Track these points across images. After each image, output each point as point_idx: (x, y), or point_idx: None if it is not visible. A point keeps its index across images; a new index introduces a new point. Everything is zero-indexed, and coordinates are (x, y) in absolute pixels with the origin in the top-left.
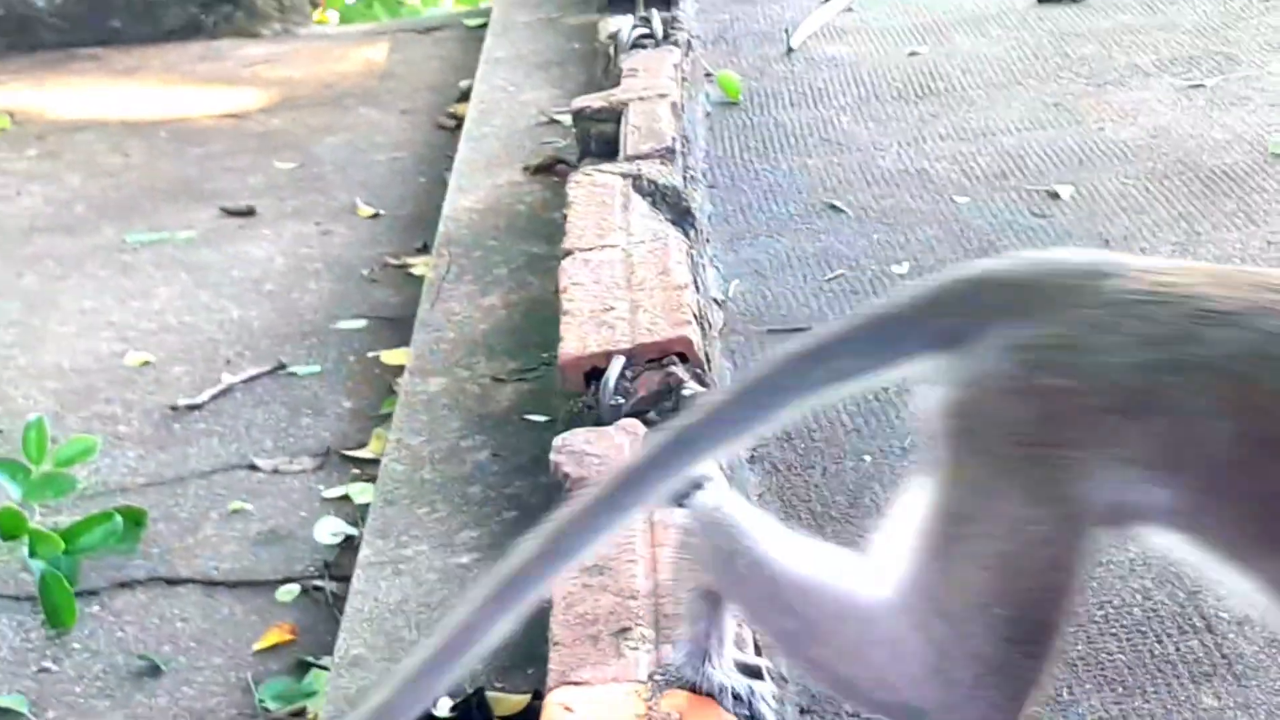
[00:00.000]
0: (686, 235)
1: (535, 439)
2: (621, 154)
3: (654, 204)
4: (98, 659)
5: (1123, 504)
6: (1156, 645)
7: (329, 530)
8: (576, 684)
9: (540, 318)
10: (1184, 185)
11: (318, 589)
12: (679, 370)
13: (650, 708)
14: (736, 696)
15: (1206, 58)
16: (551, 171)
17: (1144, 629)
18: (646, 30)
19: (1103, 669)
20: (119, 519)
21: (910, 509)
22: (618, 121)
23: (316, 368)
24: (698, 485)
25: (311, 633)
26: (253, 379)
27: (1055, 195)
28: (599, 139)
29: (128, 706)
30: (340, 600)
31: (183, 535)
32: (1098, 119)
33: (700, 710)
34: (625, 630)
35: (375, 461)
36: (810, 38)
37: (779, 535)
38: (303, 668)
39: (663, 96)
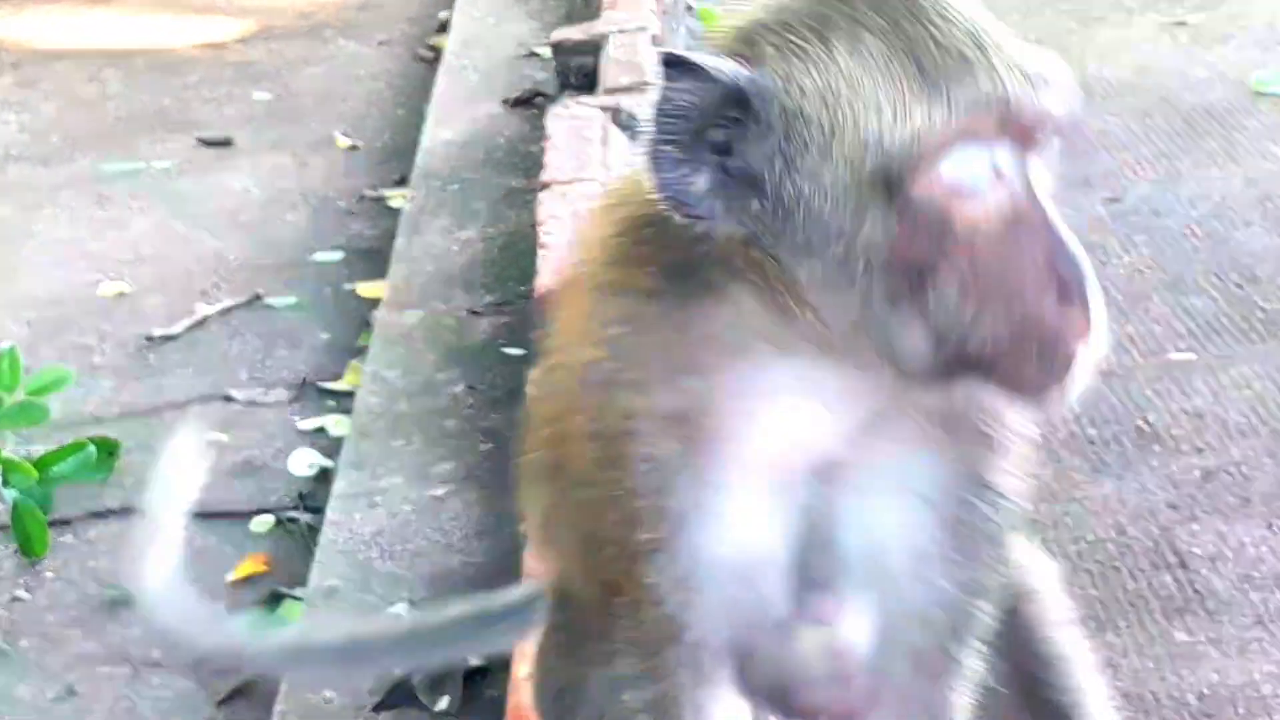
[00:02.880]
0: None
1: (511, 372)
2: (600, 87)
3: (632, 137)
4: (70, 588)
5: None
6: (1130, 581)
7: (304, 462)
8: None
9: (517, 251)
10: (1166, 123)
11: (292, 521)
12: None
13: None
14: None
15: None
16: (530, 104)
17: (1117, 565)
18: None
19: (1076, 604)
20: (92, 449)
21: None
22: (597, 54)
23: (293, 299)
24: None
25: (285, 564)
26: (228, 310)
27: None
28: (578, 71)
29: (100, 636)
30: (314, 532)
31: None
32: (1081, 55)
33: None
34: None
35: (351, 394)
36: None
37: None
38: (276, 599)
39: (642, 29)
